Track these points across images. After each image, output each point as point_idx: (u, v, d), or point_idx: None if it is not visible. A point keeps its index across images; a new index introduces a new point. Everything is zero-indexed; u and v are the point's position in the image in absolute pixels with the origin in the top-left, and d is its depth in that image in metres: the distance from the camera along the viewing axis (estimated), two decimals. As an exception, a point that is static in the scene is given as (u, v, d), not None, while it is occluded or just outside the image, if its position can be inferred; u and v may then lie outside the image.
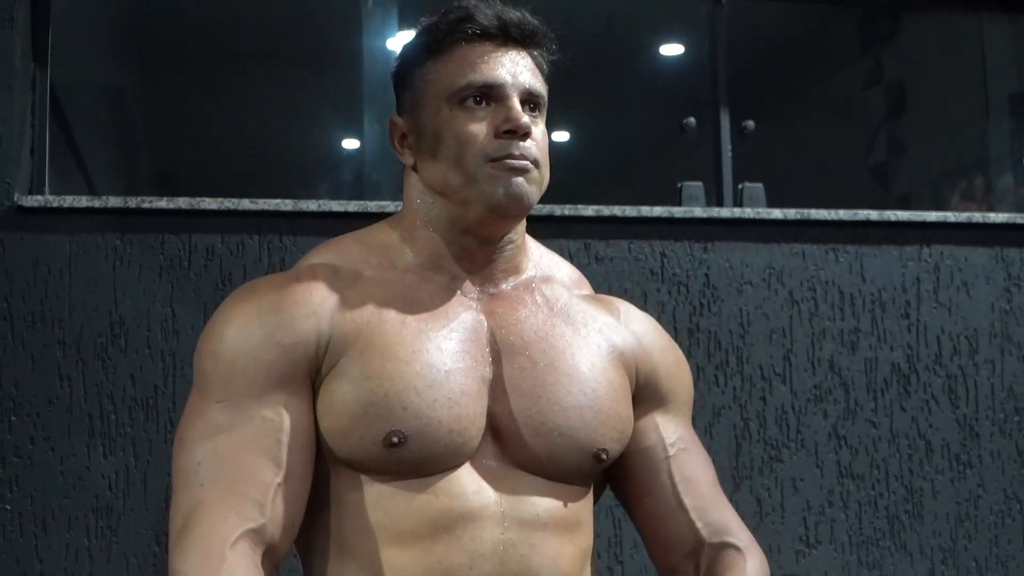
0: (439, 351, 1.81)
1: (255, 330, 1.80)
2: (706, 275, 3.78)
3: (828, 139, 5.57)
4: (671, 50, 5.07)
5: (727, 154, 4.11)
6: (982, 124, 4.94)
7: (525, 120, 1.83)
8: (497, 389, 1.84)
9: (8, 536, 3.35)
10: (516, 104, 1.85)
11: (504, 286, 1.93)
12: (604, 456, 1.87)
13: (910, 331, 3.89)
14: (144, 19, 5.05)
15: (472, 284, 1.91)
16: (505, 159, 1.81)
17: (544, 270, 2.01)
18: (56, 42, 3.68)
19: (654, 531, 1.98)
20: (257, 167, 5.22)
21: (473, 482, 1.79)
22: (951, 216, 3.98)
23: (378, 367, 1.77)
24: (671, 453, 1.96)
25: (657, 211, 3.78)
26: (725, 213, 3.86)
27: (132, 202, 3.49)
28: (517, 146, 1.82)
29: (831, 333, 3.83)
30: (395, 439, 1.74)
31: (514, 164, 1.81)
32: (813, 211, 3.87)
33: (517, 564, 1.78)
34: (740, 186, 4.03)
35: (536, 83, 1.89)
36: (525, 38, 1.90)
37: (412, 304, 1.85)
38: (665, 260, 3.76)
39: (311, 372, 1.81)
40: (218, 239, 3.52)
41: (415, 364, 1.78)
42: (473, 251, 1.90)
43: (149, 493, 3.40)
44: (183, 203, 3.51)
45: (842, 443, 3.79)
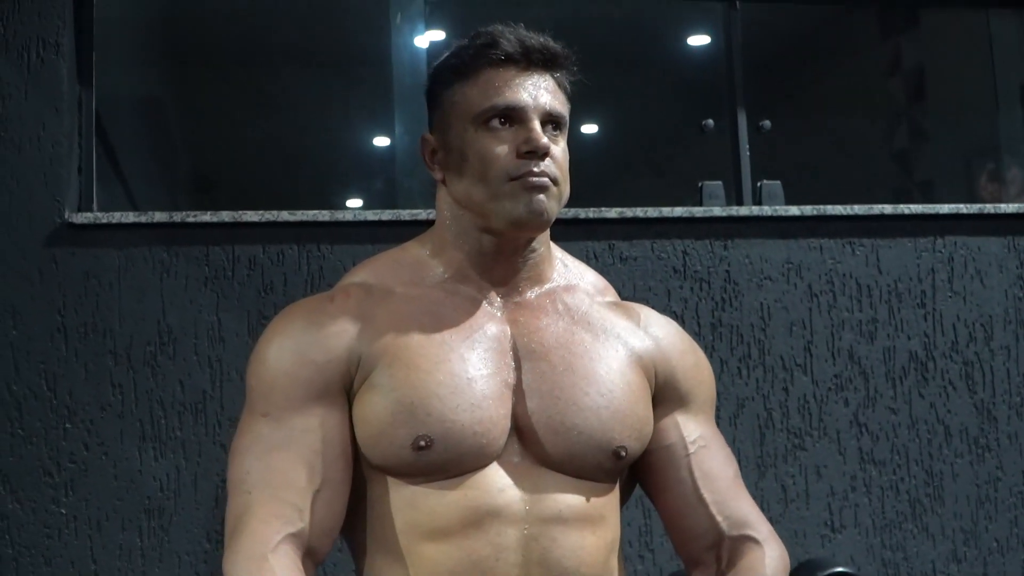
0: (462, 360, 1.91)
1: (292, 349, 1.93)
2: (727, 271, 3.87)
3: (848, 129, 5.57)
4: (699, 40, 5.07)
5: (745, 154, 4.19)
6: (993, 114, 4.99)
7: (544, 141, 1.92)
8: (519, 392, 1.93)
9: (63, 539, 3.48)
10: (536, 125, 1.94)
11: (528, 295, 2.03)
12: (623, 453, 1.96)
13: (926, 320, 3.98)
14: (176, 30, 5.10)
15: (496, 294, 2.01)
16: (526, 177, 1.91)
17: (568, 279, 2.10)
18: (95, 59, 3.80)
19: (677, 524, 2.06)
20: (292, 169, 5.29)
21: (499, 480, 1.89)
22: (963, 208, 4.06)
23: (404, 378, 1.88)
24: (691, 451, 2.05)
25: (678, 211, 3.88)
26: (744, 211, 3.95)
27: (177, 216, 3.61)
28: (537, 164, 1.91)
29: (850, 324, 3.92)
30: (422, 443, 1.85)
31: (534, 182, 1.91)
32: (829, 207, 3.96)
33: (540, 556, 1.88)
34: (759, 184, 4.11)
35: (556, 104, 1.98)
36: (547, 62, 1.99)
37: (438, 317, 1.96)
38: (687, 258, 3.85)
39: (345, 385, 1.92)
40: (259, 249, 3.63)
41: (438, 373, 1.89)
42: (498, 261, 2.00)
43: (199, 493, 3.53)
44: (226, 216, 3.62)
45: (863, 430, 3.88)
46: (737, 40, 4.30)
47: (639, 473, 2.10)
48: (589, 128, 5.40)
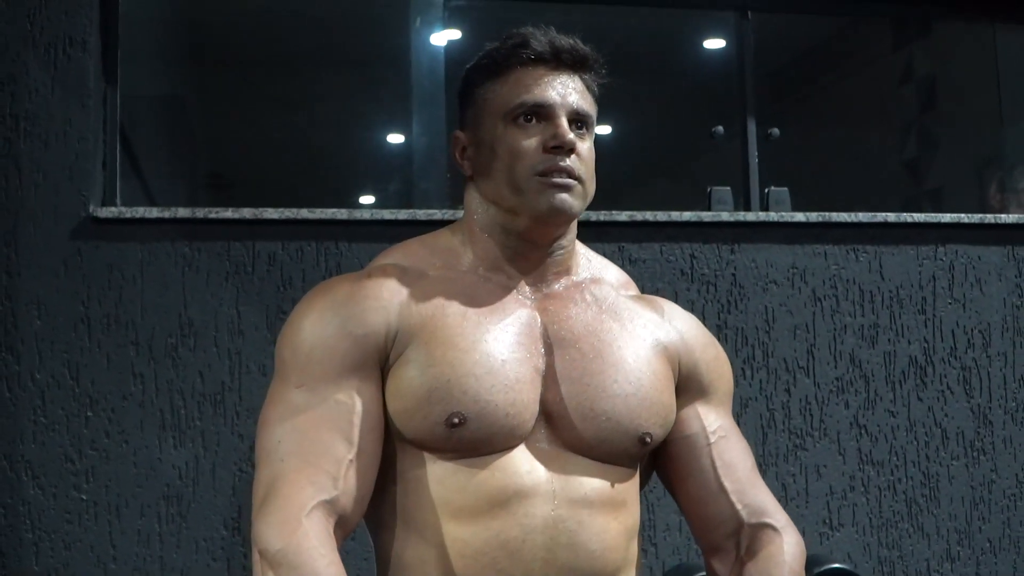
0: (496, 342, 1.96)
1: (330, 322, 1.96)
2: (733, 275, 3.94)
3: (858, 138, 5.62)
4: (714, 44, 5.10)
5: (754, 160, 4.25)
6: (998, 125, 5.04)
7: (571, 137, 1.98)
8: (549, 378, 1.98)
9: (84, 524, 3.55)
10: (563, 123, 2.00)
11: (556, 286, 2.08)
12: (648, 440, 2.01)
13: (926, 326, 4.05)
14: (199, 30, 5.17)
15: (527, 284, 2.06)
16: (552, 174, 1.97)
17: (594, 272, 2.15)
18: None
19: (697, 513, 2.11)
20: (308, 167, 5.35)
21: (527, 462, 1.94)
22: (965, 217, 4.12)
23: (440, 355, 1.92)
24: (712, 440, 2.10)
25: (687, 215, 3.94)
26: (751, 217, 4.02)
27: (199, 212, 3.68)
28: (563, 159, 1.98)
29: (852, 328, 3.99)
30: (456, 420, 1.89)
31: (559, 181, 1.97)
32: (834, 214, 4.02)
33: (566, 538, 1.92)
34: (766, 190, 4.17)
35: (584, 104, 2.04)
36: (575, 63, 2.05)
37: (472, 300, 2.00)
38: (695, 261, 3.92)
39: (380, 360, 1.96)
40: (279, 246, 3.70)
41: (474, 353, 1.93)
42: (525, 254, 2.06)
43: (217, 482, 3.60)
44: (247, 213, 3.69)
45: (863, 431, 3.95)
46: (749, 48, 4.36)
47: (660, 461, 2.14)
48: (602, 130, 5.41)
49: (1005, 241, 4.13)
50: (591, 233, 3.74)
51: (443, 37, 4.65)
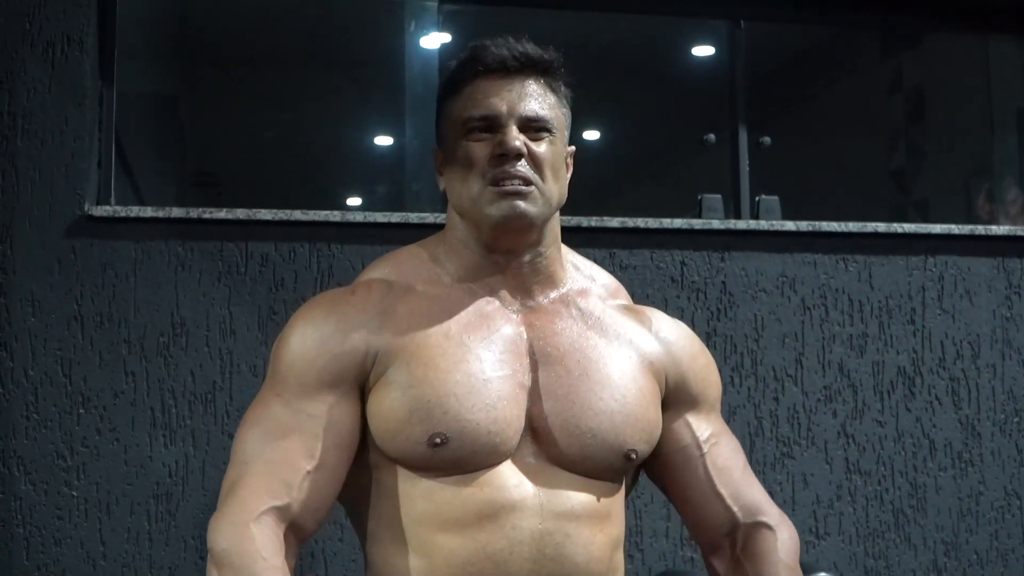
0: (479, 360, 1.98)
1: (312, 337, 2.01)
2: (723, 282, 3.96)
3: (847, 147, 5.63)
4: (703, 51, 5.13)
5: (744, 168, 4.28)
6: (987, 136, 5.05)
7: (515, 144, 1.99)
8: (535, 394, 2.01)
9: (74, 520, 3.56)
10: (511, 131, 2.01)
11: (542, 299, 2.10)
12: (633, 456, 2.04)
13: (915, 336, 4.07)
14: (193, 31, 5.18)
15: (512, 297, 2.08)
16: (502, 183, 1.99)
17: (581, 283, 2.17)
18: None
19: (694, 517, 2.16)
20: (298, 168, 5.36)
21: (514, 476, 1.96)
22: (955, 228, 4.13)
23: (422, 376, 1.95)
24: (705, 450, 2.13)
25: (677, 222, 3.95)
26: (741, 225, 4.03)
27: (193, 212, 3.69)
28: (512, 165, 1.99)
29: (840, 337, 4.01)
30: (437, 440, 1.92)
31: (509, 188, 1.99)
32: (824, 223, 4.04)
33: (552, 551, 1.95)
34: (757, 199, 4.19)
35: (538, 107, 2.05)
36: (529, 67, 2.06)
37: (457, 318, 2.03)
38: (685, 268, 3.93)
39: (360, 378, 2.00)
40: (272, 247, 3.71)
41: (456, 373, 1.96)
42: (501, 264, 2.08)
43: (207, 480, 3.60)
44: (240, 214, 3.70)
45: (850, 441, 3.97)
46: (740, 57, 4.38)
47: (655, 473, 2.18)
48: (592, 135, 5.46)
49: (995, 253, 4.15)
50: (581, 239, 3.78)
51: (436, 40, 4.67)
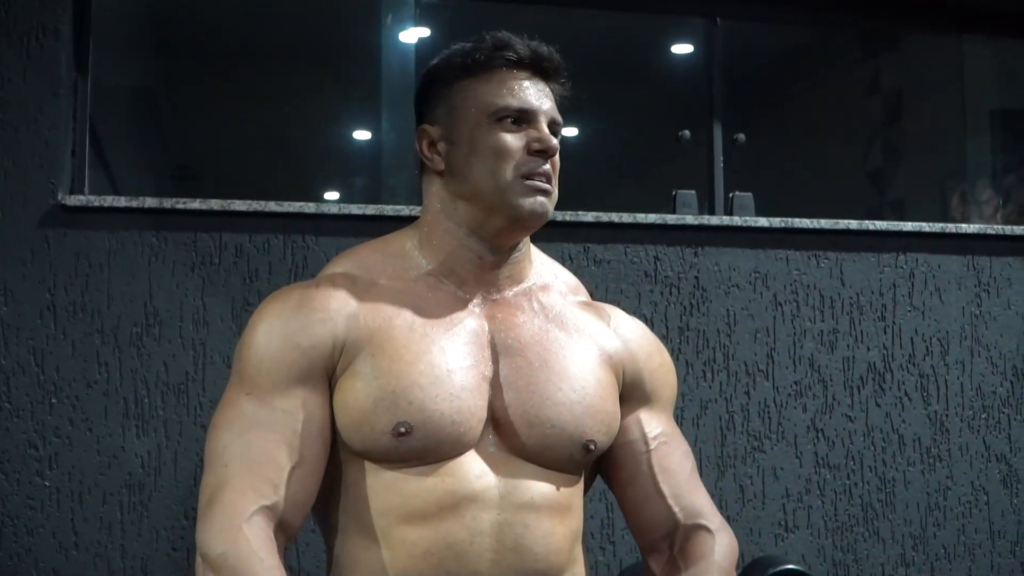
0: (442, 352, 2.01)
1: (278, 333, 2.02)
2: (696, 278, 3.97)
3: (823, 146, 5.68)
4: (682, 49, 5.15)
5: (719, 165, 4.28)
6: (962, 137, 5.08)
7: (555, 143, 2.05)
8: (496, 386, 2.04)
9: (46, 510, 3.55)
10: (546, 128, 2.07)
11: (506, 293, 2.13)
12: (592, 447, 2.07)
13: (886, 332, 4.09)
14: (169, 22, 5.16)
15: (477, 290, 2.11)
16: (535, 177, 2.03)
17: (543, 279, 2.21)
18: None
19: (636, 514, 2.19)
20: (275, 161, 5.35)
21: (477, 467, 1.99)
22: (926, 226, 4.15)
23: (387, 367, 1.98)
24: (652, 447, 2.16)
25: (652, 218, 3.96)
26: (715, 221, 4.04)
27: (167, 203, 3.68)
28: (546, 163, 2.04)
29: (811, 333, 4.02)
30: (402, 429, 1.95)
31: (541, 185, 2.04)
32: (797, 220, 4.05)
33: (512, 541, 1.98)
34: (731, 195, 4.20)
35: (556, 113, 2.11)
36: (552, 72, 2.12)
37: (421, 311, 2.05)
38: (658, 263, 3.95)
39: (327, 371, 2.02)
40: (246, 238, 3.70)
41: (420, 364, 1.99)
42: (484, 257, 2.10)
43: (179, 471, 3.60)
44: (215, 204, 3.69)
45: (820, 435, 3.98)
46: (717, 55, 4.38)
47: (603, 467, 2.20)
48: (569, 132, 5.45)
49: (965, 251, 4.17)
50: (557, 233, 3.80)
51: (414, 35, 4.68)
